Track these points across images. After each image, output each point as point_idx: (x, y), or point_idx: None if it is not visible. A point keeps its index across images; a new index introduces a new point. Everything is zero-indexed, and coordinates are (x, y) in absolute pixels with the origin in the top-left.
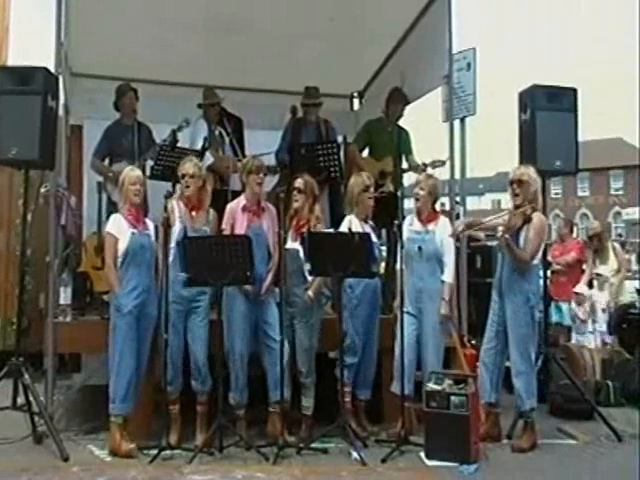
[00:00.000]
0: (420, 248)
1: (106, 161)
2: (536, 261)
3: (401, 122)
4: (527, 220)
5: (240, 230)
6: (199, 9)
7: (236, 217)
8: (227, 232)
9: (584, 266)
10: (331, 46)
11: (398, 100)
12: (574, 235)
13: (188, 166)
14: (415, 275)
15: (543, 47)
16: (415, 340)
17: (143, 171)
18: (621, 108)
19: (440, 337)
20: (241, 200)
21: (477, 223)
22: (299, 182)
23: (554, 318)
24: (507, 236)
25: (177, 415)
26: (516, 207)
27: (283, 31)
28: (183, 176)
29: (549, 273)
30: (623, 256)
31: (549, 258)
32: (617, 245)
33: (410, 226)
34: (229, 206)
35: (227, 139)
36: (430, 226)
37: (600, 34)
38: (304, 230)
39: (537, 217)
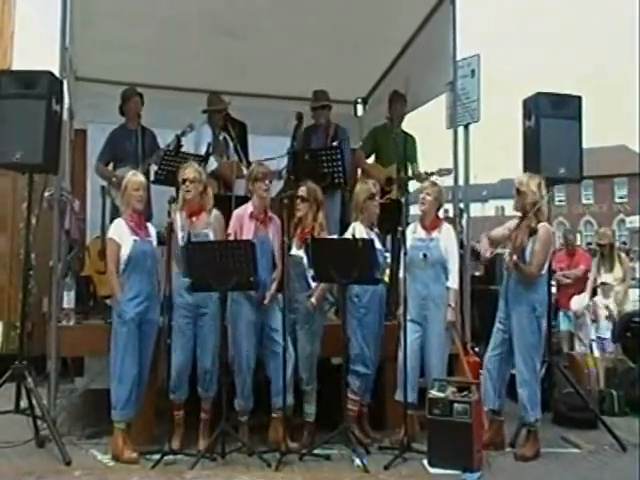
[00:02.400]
0: (425, 255)
1: (110, 165)
2: (543, 271)
3: (406, 128)
4: (533, 232)
5: (247, 237)
6: (204, 14)
7: (243, 223)
8: (233, 237)
9: (589, 274)
10: (335, 52)
11: (398, 100)
12: (577, 243)
13: (188, 171)
14: (419, 282)
15: (547, 54)
16: (419, 347)
17: (147, 176)
18: (625, 116)
19: (445, 344)
20: (248, 207)
21: (496, 239)
22: (302, 190)
23: (562, 326)
24: (515, 258)
25: (181, 420)
26: (519, 212)
27: (287, 36)
28: (184, 181)
29: (554, 282)
30: (628, 265)
31: (556, 269)
32: (623, 254)
33: (414, 233)
34: (236, 212)
35: (232, 144)
36: (434, 233)
37: (605, 41)
38: (308, 237)
39: (543, 228)
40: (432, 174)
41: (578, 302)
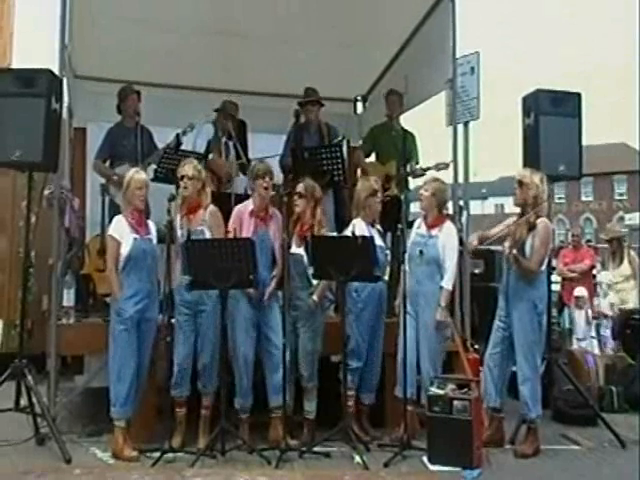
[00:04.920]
0: (421, 252)
1: (107, 163)
2: (543, 267)
3: (405, 125)
4: (532, 227)
5: (246, 235)
6: (203, 12)
7: (243, 220)
8: (232, 234)
9: (594, 272)
10: (335, 50)
11: (394, 95)
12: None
13: (187, 168)
14: (413, 278)
15: (547, 51)
16: (415, 343)
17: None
18: (625, 113)
19: (435, 342)
20: (249, 204)
21: (488, 236)
22: (300, 187)
23: (566, 323)
24: (515, 252)
25: (183, 418)
26: (518, 207)
27: (287, 35)
28: (182, 177)
29: (559, 279)
30: (637, 262)
31: (560, 265)
32: (633, 252)
33: (418, 229)
34: (237, 208)
35: (232, 149)
36: (434, 231)
37: (605, 39)
38: (308, 235)
39: (542, 223)
40: (429, 169)
41: (580, 292)
